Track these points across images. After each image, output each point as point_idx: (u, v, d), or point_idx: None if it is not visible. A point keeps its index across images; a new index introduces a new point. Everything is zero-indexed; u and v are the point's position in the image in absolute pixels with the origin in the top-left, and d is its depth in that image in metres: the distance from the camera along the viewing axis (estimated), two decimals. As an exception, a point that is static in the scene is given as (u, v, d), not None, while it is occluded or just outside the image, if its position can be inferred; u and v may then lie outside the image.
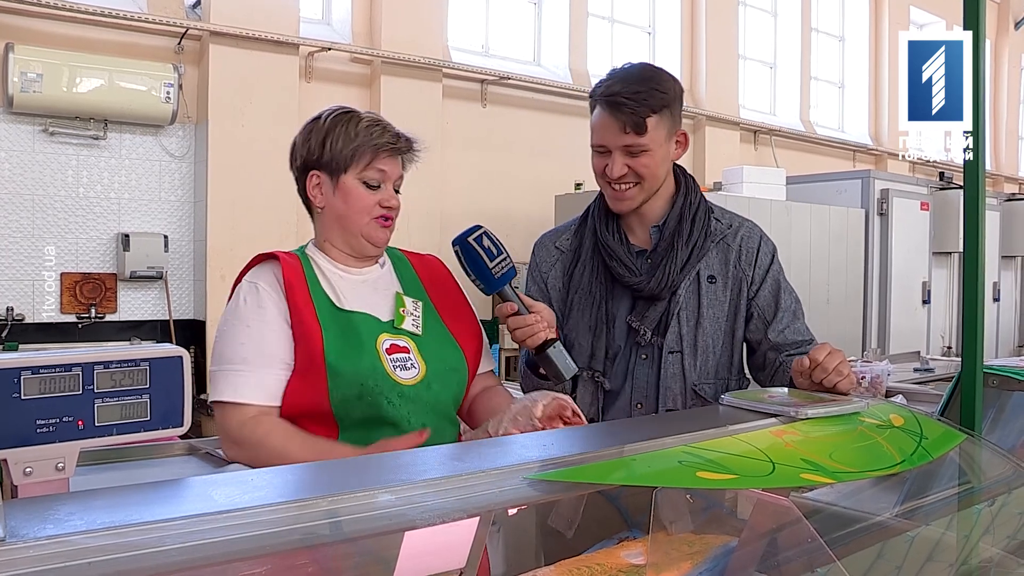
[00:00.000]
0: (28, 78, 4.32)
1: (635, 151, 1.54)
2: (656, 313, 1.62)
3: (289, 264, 1.43)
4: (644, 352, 1.63)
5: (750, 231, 1.68)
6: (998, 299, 7.73)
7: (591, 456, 0.95)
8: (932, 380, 3.79)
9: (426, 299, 1.52)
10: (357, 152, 1.44)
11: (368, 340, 1.40)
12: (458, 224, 1.52)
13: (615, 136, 1.54)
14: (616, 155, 1.55)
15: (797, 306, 1.69)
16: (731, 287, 1.65)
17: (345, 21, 5.78)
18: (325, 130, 1.46)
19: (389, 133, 1.46)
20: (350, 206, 1.45)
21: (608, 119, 1.54)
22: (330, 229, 1.49)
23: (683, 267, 1.61)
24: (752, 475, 0.98)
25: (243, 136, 4.97)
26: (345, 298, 1.44)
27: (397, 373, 1.40)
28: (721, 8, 7.78)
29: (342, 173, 1.45)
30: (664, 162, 1.60)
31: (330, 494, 0.76)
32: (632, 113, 1.51)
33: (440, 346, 1.48)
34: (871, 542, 1.17)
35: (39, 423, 0.86)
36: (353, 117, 1.46)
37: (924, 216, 6.76)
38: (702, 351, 1.62)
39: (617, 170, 1.56)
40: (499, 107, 6.37)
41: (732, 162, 7.06)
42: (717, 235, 1.65)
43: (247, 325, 1.38)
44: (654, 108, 1.53)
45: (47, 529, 0.64)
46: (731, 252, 1.65)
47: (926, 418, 1.29)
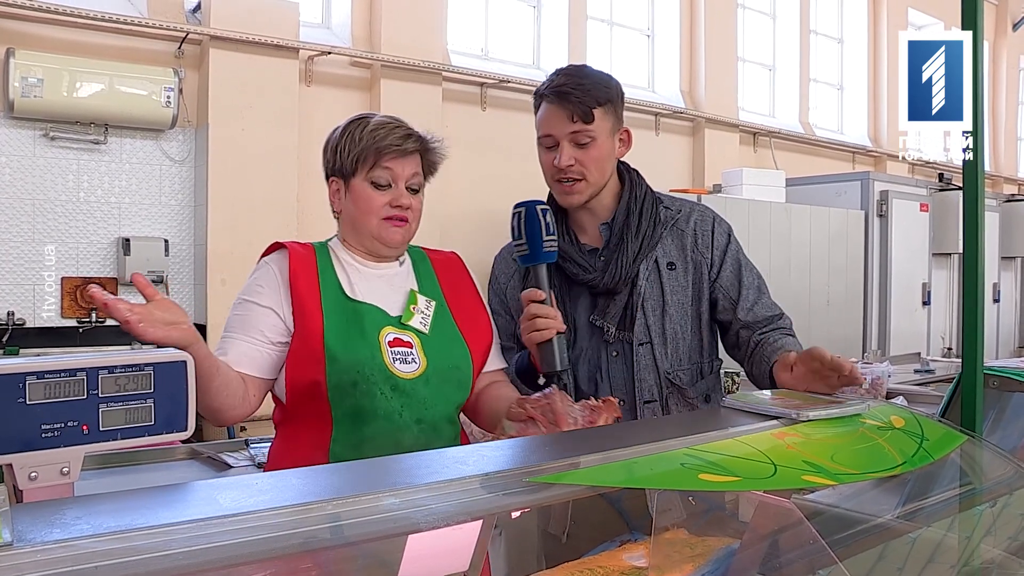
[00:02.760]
0: (29, 83, 4.32)
1: (582, 140, 1.59)
2: (617, 308, 1.64)
3: (298, 253, 1.49)
4: (614, 349, 1.64)
5: (702, 214, 1.71)
6: (998, 300, 7.73)
7: (593, 459, 0.96)
8: (933, 381, 3.80)
9: (441, 299, 1.54)
10: (362, 155, 1.48)
11: (371, 331, 1.43)
12: (458, 227, 1.53)
13: (563, 125, 1.59)
14: (564, 145, 1.60)
15: (761, 282, 1.71)
16: (691, 271, 1.67)
17: (345, 25, 5.79)
18: (338, 137, 1.52)
19: (395, 134, 1.48)
20: (359, 208, 1.50)
21: (556, 110, 1.60)
22: (348, 231, 1.55)
23: (635, 258, 1.63)
24: (754, 477, 0.98)
25: (243, 140, 4.98)
26: (358, 289, 1.48)
27: (396, 365, 1.43)
28: (720, 11, 7.79)
29: (352, 177, 1.50)
30: (609, 157, 1.65)
31: (334, 497, 0.77)
32: (579, 102, 1.57)
33: (445, 344, 1.50)
34: (873, 544, 1.17)
35: (44, 428, 0.87)
36: (364, 122, 1.51)
37: (924, 217, 6.76)
38: (671, 338, 1.64)
39: (565, 159, 1.60)
40: (499, 110, 6.37)
41: (731, 164, 7.06)
42: (668, 222, 1.68)
43: (244, 298, 1.48)
44: (599, 100, 1.59)
45: (54, 533, 0.64)
46: (686, 237, 1.68)
47: (927, 419, 1.29)
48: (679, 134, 7.46)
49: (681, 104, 7.47)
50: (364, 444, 1.40)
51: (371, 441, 1.40)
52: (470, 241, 6.11)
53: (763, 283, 1.71)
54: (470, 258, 1.71)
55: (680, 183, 7.02)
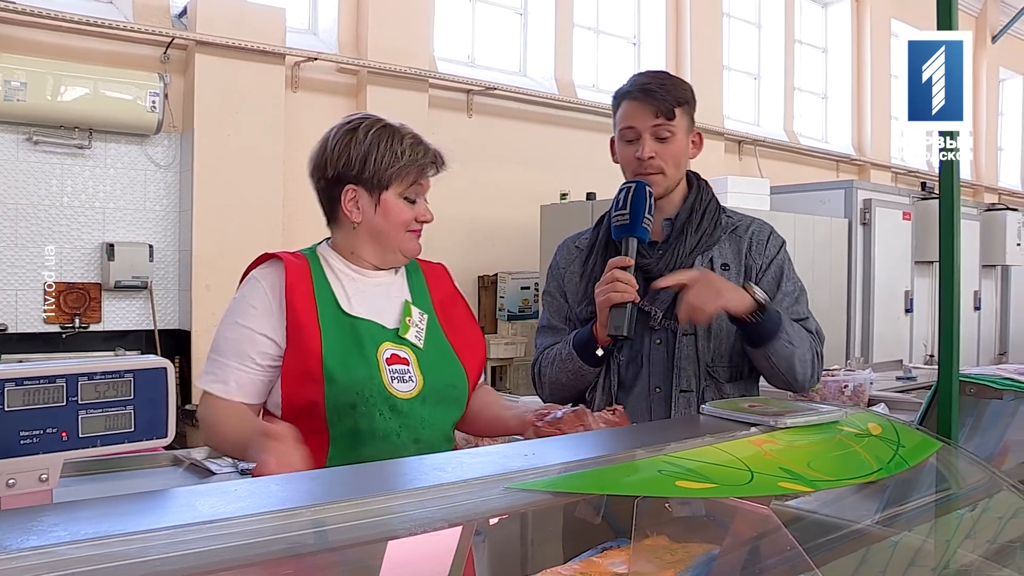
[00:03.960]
0: (12, 86, 4.30)
1: (663, 135, 1.68)
2: (667, 295, 1.67)
3: (293, 266, 1.44)
4: (658, 337, 1.69)
5: (761, 226, 1.79)
6: (979, 308, 7.80)
7: (573, 465, 0.96)
8: (914, 388, 3.83)
9: (432, 313, 1.53)
10: (404, 171, 1.45)
11: (369, 349, 1.41)
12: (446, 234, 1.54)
13: (646, 119, 1.68)
14: (646, 137, 1.68)
15: (801, 294, 1.76)
16: (742, 275, 1.72)
17: (331, 31, 5.79)
18: (368, 144, 1.44)
19: (431, 151, 1.49)
20: (390, 222, 1.46)
21: (640, 106, 1.69)
22: (363, 243, 1.49)
23: (692, 252, 1.70)
24: (731, 484, 0.99)
25: (229, 146, 4.96)
26: (354, 302, 1.45)
27: (394, 385, 1.41)
28: (706, 19, 7.85)
29: (384, 190, 1.45)
30: (684, 154, 1.73)
31: (314, 504, 0.77)
32: (663, 100, 1.67)
33: (440, 361, 1.48)
34: (850, 549, 1.19)
35: (23, 434, 0.87)
36: (396, 133, 1.46)
37: (906, 226, 6.82)
38: (716, 334, 1.68)
39: (647, 151, 1.68)
40: (485, 117, 6.39)
41: (716, 172, 7.10)
42: (728, 228, 1.75)
43: (235, 321, 1.43)
44: (680, 100, 1.69)
45: (30, 540, 0.64)
46: (743, 243, 1.74)
47: (903, 426, 1.31)
48: (665, 142, 7.50)
49: (667, 112, 7.52)
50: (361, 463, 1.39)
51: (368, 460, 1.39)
52: (456, 248, 6.12)
53: (804, 296, 1.75)
54: (456, 265, 1.71)
55: (666, 191, 7.05)
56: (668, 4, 7.69)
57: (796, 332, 1.64)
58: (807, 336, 1.68)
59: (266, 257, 1.47)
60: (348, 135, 1.45)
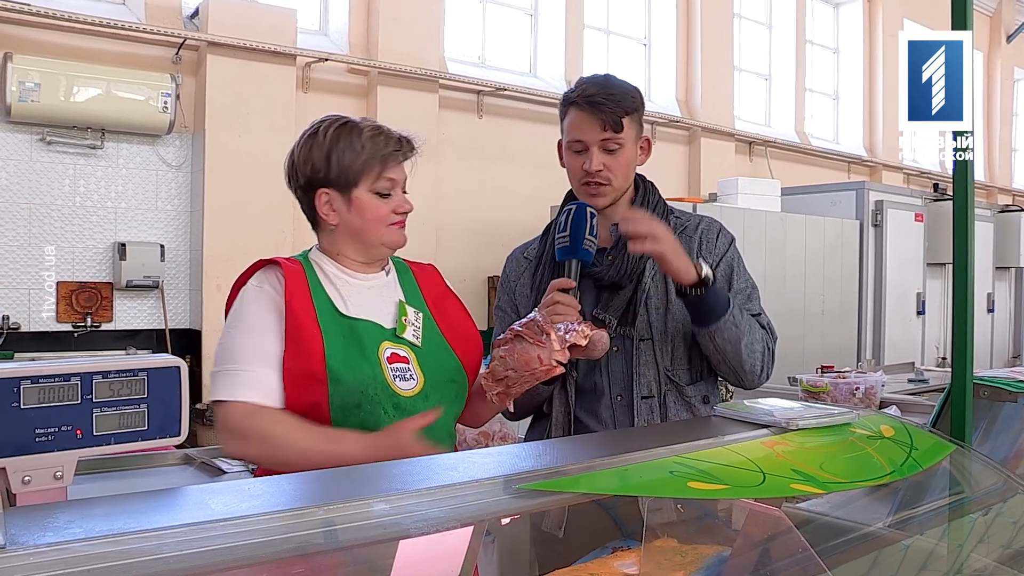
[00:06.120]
0: (26, 87, 4.33)
1: (611, 147, 1.66)
2: (620, 302, 1.67)
3: (291, 269, 1.43)
4: (615, 344, 1.66)
5: (709, 225, 1.77)
6: (992, 310, 7.75)
7: (583, 466, 0.96)
8: (926, 391, 3.80)
9: (426, 310, 1.53)
10: (366, 165, 1.43)
11: (370, 348, 1.41)
12: (454, 234, 1.54)
13: (594, 132, 1.65)
14: (594, 151, 1.66)
15: (753, 291, 1.74)
16: None
17: (342, 32, 5.81)
18: (328, 145, 1.43)
19: (393, 140, 1.45)
20: (366, 219, 1.45)
21: (587, 118, 1.66)
22: (345, 243, 1.48)
23: (642, 255, 1.65)
24: (742, 485, 0.99)
25: (240, 146, 4.98)
26: (350, 304, 1.44)
27: (397, 383, 1.41)
28: (716, 20, 7.83)
29: (353, 188, 1.44)
30: (632, 164, 1.72)
31: (326, 503, 0.77)
32: (611, 112, 1.64)
33: (438, 358, 1.49)
34: (861, 552, 1.18)
35: (38, 432, 0.87)
36: (354, 129, 1.44)
37: (918, 227, 6.78)
38: (672, 337, 1.67)
39: (595, 164, 1.66)
40: (495, 118, 6.39)
41: (727, 173, 7.09)
42: (677, 229, 1.72)
43: (250, 327, 1.39)
44: (627, 109, 1.66)
45: (46, 537, 0.64)
46: (693, 242, 1.73)
47: (916, 429, 1.30)
48: (675, 143, 7.49)
49: (677, 113, 7.50)
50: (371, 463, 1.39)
51: None
52: (465, 249, 6.13)
53: (755, 293, 1.74)
54: (465, 265, 1.71)
55: (676, 192, 7.05)
56: (678, 5, 7.67)
57: (746, 320, 1.63)
58: (759, 329, 1.66)
59: (260, 264, 1.46)
60: (310, 140, 1.45)
